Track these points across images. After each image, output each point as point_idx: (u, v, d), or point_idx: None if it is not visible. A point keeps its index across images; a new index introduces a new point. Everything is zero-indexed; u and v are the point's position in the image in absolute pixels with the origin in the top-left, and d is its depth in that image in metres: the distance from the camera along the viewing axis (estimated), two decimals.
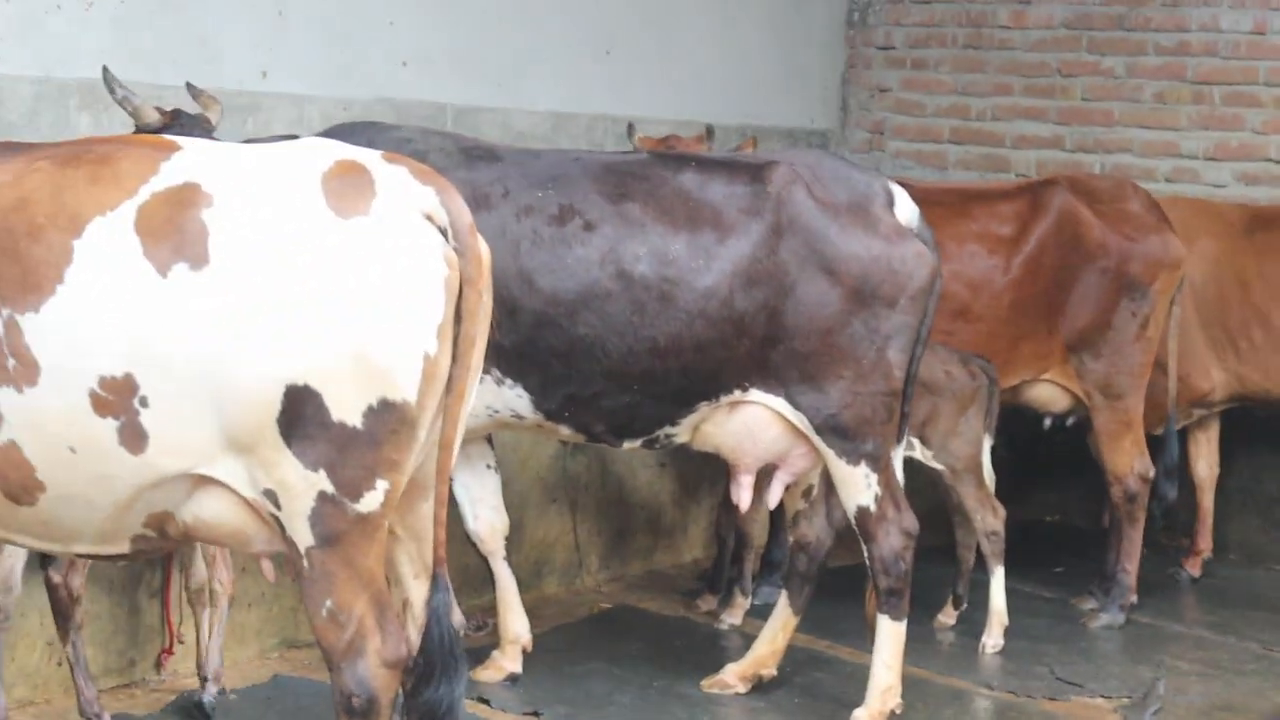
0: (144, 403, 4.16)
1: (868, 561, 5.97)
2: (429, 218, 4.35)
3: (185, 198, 4.21)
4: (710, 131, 7.59)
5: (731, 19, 9.11)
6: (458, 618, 4.75)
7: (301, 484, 4.21)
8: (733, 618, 7.26)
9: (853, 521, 5.96)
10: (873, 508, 5.89)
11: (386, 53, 7.32)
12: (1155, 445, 7.60)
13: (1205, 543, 8.35)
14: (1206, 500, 8.36)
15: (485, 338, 4.53)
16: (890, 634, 5.99)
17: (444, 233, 4.36)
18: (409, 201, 4.34)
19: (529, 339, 5.77)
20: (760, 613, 6.86)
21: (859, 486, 5.89)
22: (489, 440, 6.37)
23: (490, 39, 7.76)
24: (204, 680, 5.88)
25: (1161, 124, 9.12)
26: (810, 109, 9.82)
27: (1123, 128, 9.22)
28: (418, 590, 4.66)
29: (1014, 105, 9.52)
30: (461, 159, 5.99)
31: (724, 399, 5.88)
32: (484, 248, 4.49)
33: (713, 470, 7.80)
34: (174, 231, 4.17)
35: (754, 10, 9.27)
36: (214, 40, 6.61)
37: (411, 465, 4.39)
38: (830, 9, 9.88)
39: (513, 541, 6.48)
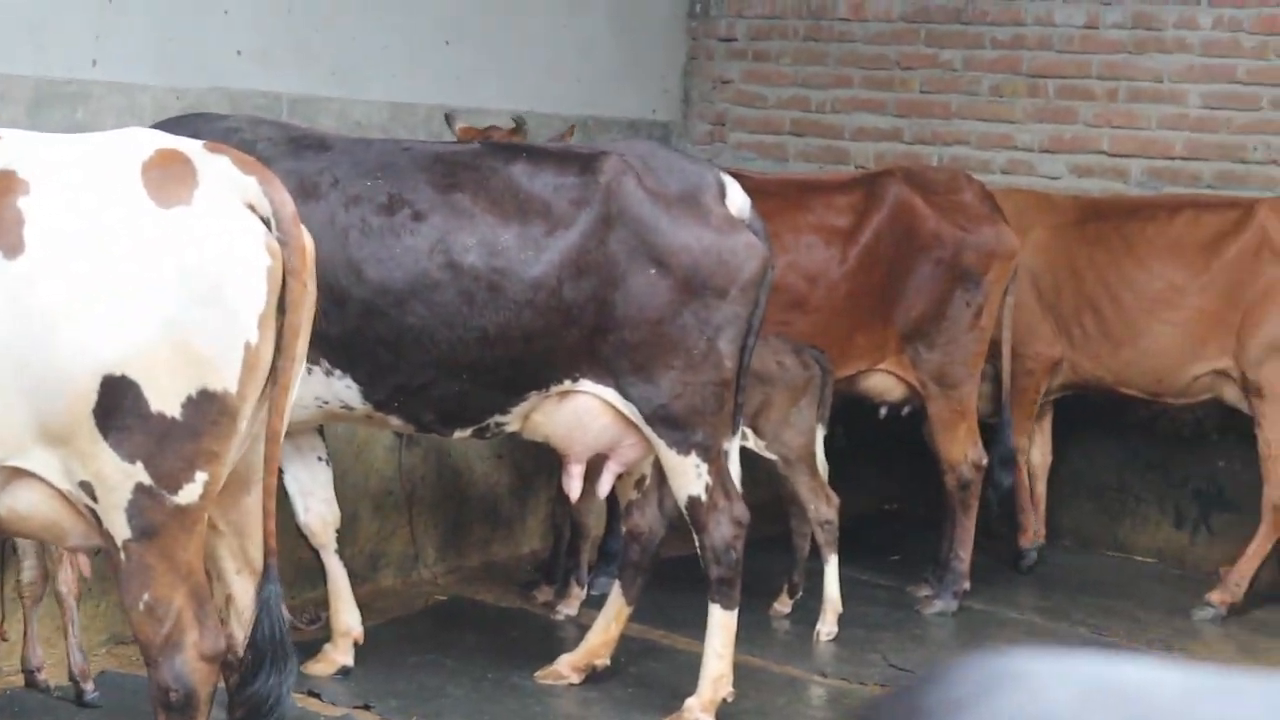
0: None
1: (699, 551, 5.99)
2: (251, 207, 4.35)
3: (1, 185, 4.16)
4: (520, 122, 7.52)
5: (574, 9, 9.11)
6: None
7: (118, 476, 4.18)
8: (569, 608, 7.26)
9: (684, 511, 5.98)
10: (704, 497, 5.91)
11: (221, 41, 7.23)
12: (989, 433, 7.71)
13: (1039, 528, 8.47)
14: (1040, 487, 8.47)
15: (309, 328, 4.52)
16: (721, 623, 6.01)
17: (267, 223, 4.35)
18: (231, 191, 4.34)
19: (357, 329, 5.73)
20: (597, 603, 6.86)
21: (690, 476, 5.91)
22: (320, 432, 6.32)
23: (327, 28, 7.70)
24: (29, 675, 5.84)
25: (998, 117, 9.23)
26: (652, 100, 9.83)
27: (960, 120, 9.32)
28: (240, 585, 4.63)
29: (853, 98, 9.59)
30: (290, 148, 5.94)
31: (554, 389, 5.87)
32: (308, 238, 4.48)
33: (549, 462, 7.77)
34: None
35: (597, 2, 9.27)
36: (41, 28, 6.50)
37: (232, 457, 4.38)
38: (672, 1, 9.90)
39: (348, 534, 6.45)
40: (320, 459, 6.33)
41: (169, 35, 7.00)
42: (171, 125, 5.78)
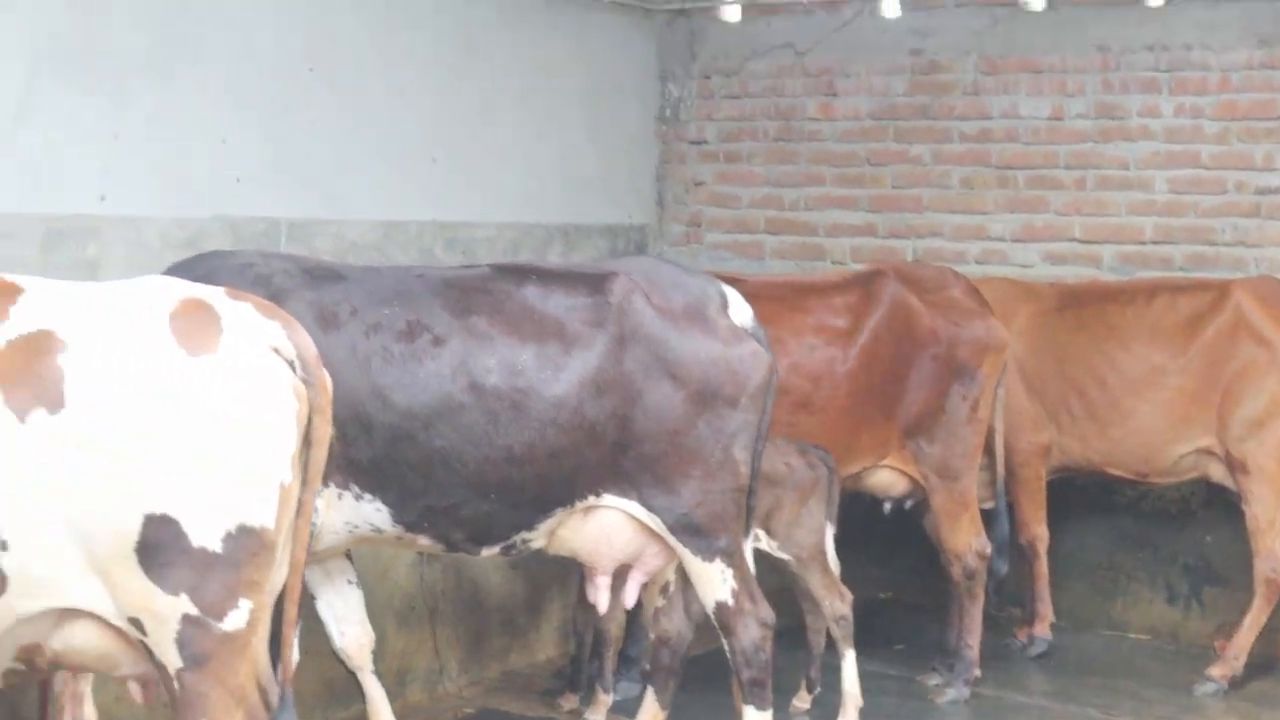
0: (4, 546, 4.25)
1: (729, 654, 6.13)
2: (276, 351, 4.53)
3: (41, 345, 4.32)
4: None
5: (549, 121, 9.30)
6: None
7: (166, 609, 4.33)
8: (596, 715, 7.37)
9: (712, 616, 6.12)
10: (730, 602, 6.06)
11: (220, 171, 7.38)
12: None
13: (1046, 609, 8.63)
14: (1040, 568, 8.64)
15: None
16: None
17: (291, 365, 4.53)
18: (256, 337, 4.53)
19: (385, 453, 5.85)
20: (621, 708, 6.97)
21: (715, 582, 6.05)
22: (348, 556, 6.43)
23: (319, 152, 7.86)
24: None
25: (969, 208, 9.46)
26: (628, 205, 10.03)
27: (932, 213, 9.55)
28: None
29: (826, 195, 9.81)
30: (306, 280, 6.06)
31: (579, 504, 6.01)
32: (327, 376, 4.67)
33: (562, 570, 7.93)
34: (31, 378, 4.29)
35: (570, 112, 9.47)
36: (53, 167, 6.63)
37: (273, 585, 4.55)
38: (643, 106, 10.12)
39: (375, 652, 6.53)
40: (350, 582, 6.43)
41: (171, 167, 7.15)
42: (186, 265, 5.95)
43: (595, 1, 9.60)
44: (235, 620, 4.41)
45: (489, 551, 6.12)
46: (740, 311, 6.20)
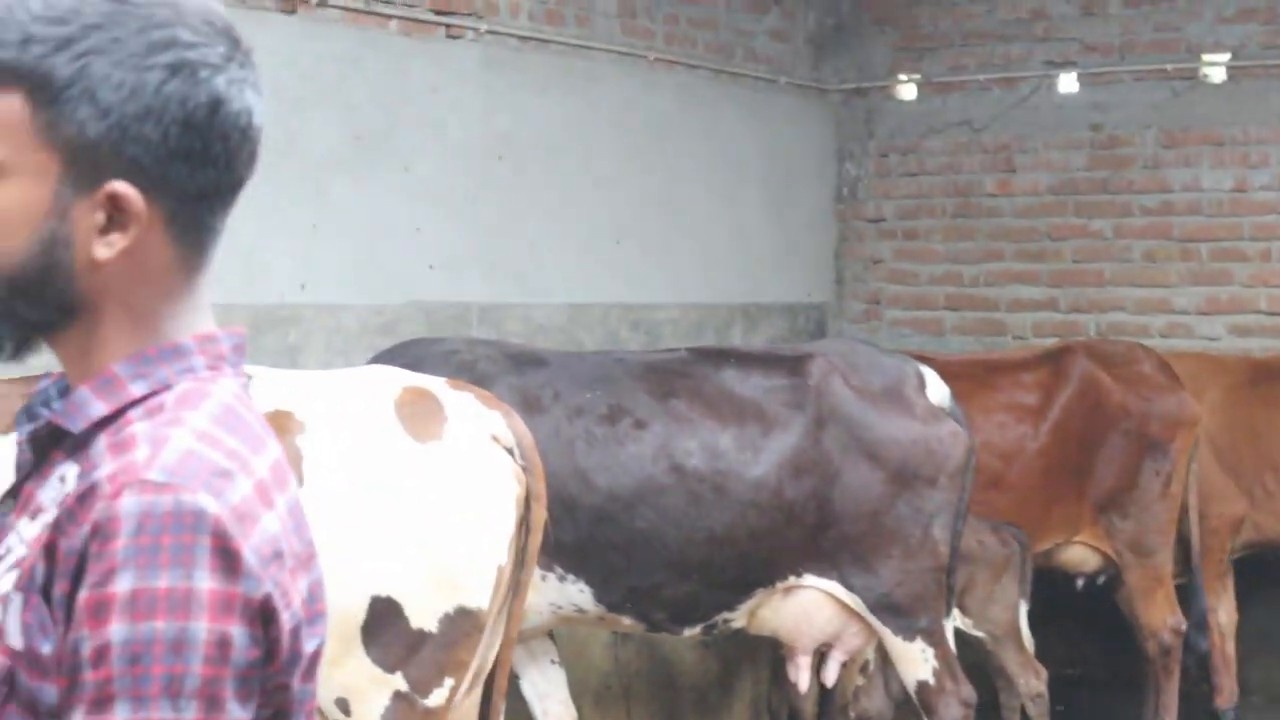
0: None
1: None
2: (496, 439, 4.65)
3: (281, 425, 4.47)
4: None
5: (729, 202, 9.41)
6: None
7: (378, 686, 4.46)
8: None
9: (913, 696, 6.15)
10: (932, 681, 6.08)
11: (414, 258, 7.56)
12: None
13: (1231, 686, 8.54)
14: (1229, 646, 8.55)
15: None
16: None
17: (510, 452, 4.66)
18: (478, 425, 4.65)
19: (589, 535, 5.96)
20: None
21: (917, 662, 6.08)
22: (551, 635, 6.53)
23: (508, 238, 8.02)
24: None
25: (1152, 281, 9.42)
26: (807, 284, 10.10)
27: (1114, 287, 9.52)
28: None
29: (1006, 270, 9.82)
30: (509, 365, 6.20)
31: (779, 584, 6.07)
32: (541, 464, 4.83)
33: (753, 646, 7.97)
34: None
35: (749, 193, 9.57)
36: (256, 257, 6.84)
37: (478, 663, 4.66)
38: (821, 185, 10.20)
39: None
40: (553, 661, 6.53)
41: (367, 256, 7.34)
42: (393, 353, 6.10)
43: (773, 83, 9.71)
44: (438, 697, 4.55)
45: (690, 631, 6.19)
46: (937, 391, 6.25)
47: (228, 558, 1.67)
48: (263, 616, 1.70)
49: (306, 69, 7.07)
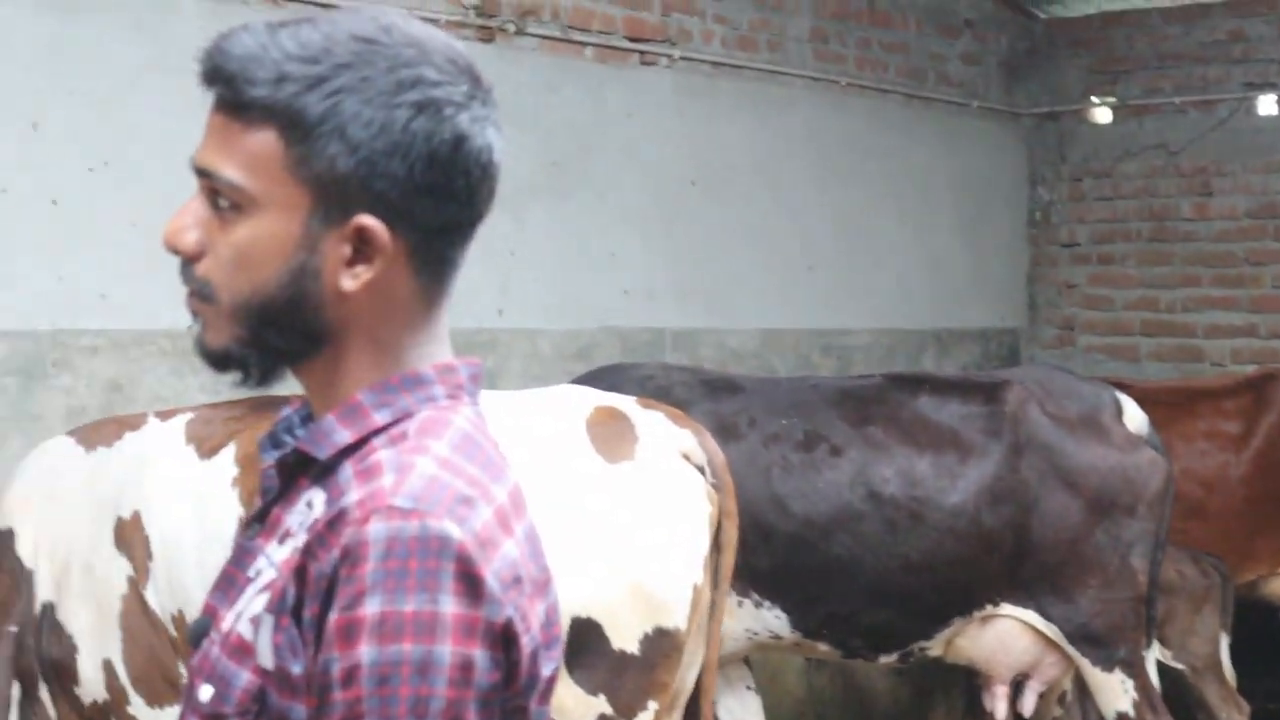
0: None
1: None
2: (687, 458, 4.66)
3: None
4: None
5: (921, 228, 9.38)
6: None
7: (582, 708, 4.47)
8: None
9: None
10: (1131, 713, 6.00)
11: (609, 284, 7.62)
12: None
13: None
14: None
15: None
16: None
17: (701, 471, 4.67)
18: (669, 444, 4.66)
19: (785, 561, 5.96)
20: None
21: (1116, 693, 6.00)
22: (747, 662, 6.54)
23: (701, 264, 8.06)
24: None
25: None
26: (1000, 309, 10.03)
27: None
28: None
29: (1204, 296, 9.68)
30: (705, 391, 6.23)
31: (976, 613, 6.03)
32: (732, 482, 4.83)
33: (946, 673, 7.91)
34: None
35: (941, 217, 9.53)
36: (459, 284, 6.91)
37: (678, 685, 4.67)
38: (1013, 210, 10.13)
39: None
40: (749, 688, 6.54)
41: (563, 282, 7.41)
42: (590, 378, 6.15)
43: (965, 107, 9.67)
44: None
45: (886, 659, 6.17)
46: (1135, 418, 6.18)
47: (471, 583, 1.71)
48: (504, 640, 1.74)
49: (503, 96, 7.06)
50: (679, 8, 8.02)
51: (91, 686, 4.56)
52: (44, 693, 4.63)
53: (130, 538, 4.56)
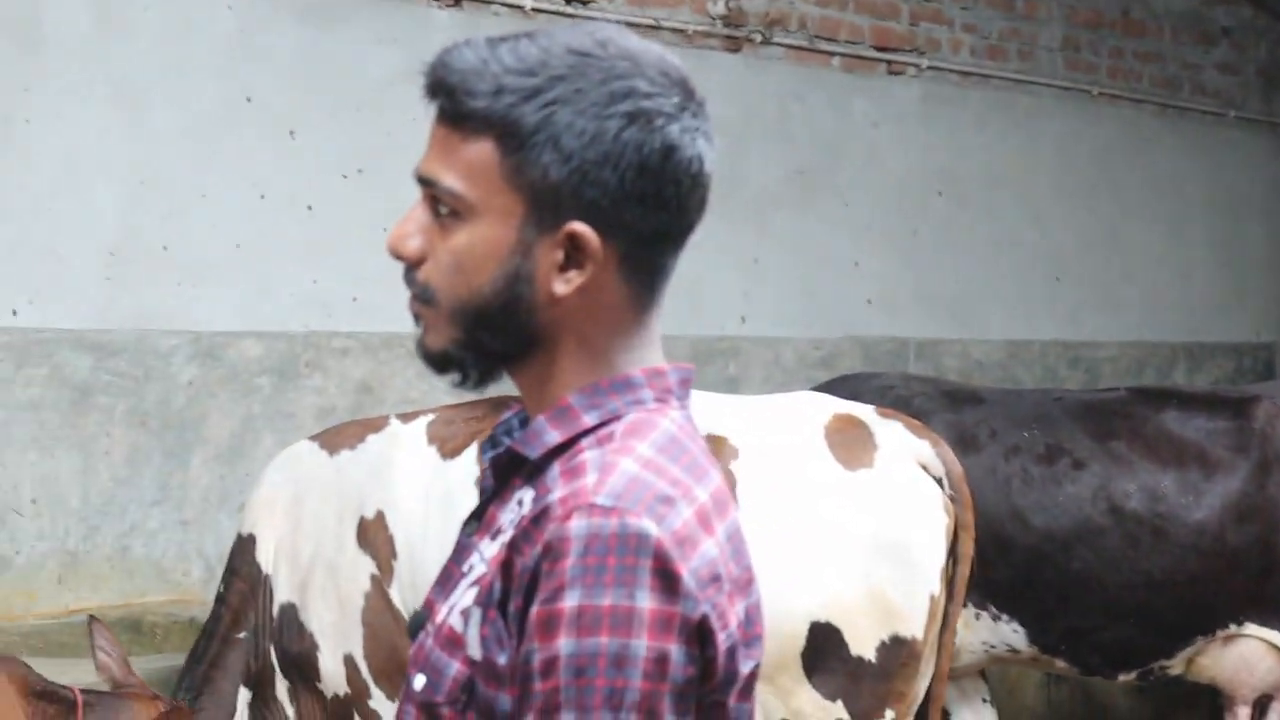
0: None
1: None
2: (925, 467, 4.67)
3: (715, 450, 4.57)
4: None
5: (1174, 240, 9.23)
6: None
7: (820, 713, 4.50)
8: None
9: None
10: None
11: (852, 293, 7.64)
12: None
13: None
14: None
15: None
16: None
17: (939, 482, 4.67)
18: (908, 454, 4.66)
19: (1024, 575, 5.91)
20: None
21: None
22: (983, 674, 6.50)
23: (947, 274, 8.03)
24: None
25: None
26: (1255, 323, 9.82)
27: None
28: None
29: None
30: (945, 402, 6.20)
31: (1219, 633, 5.92)
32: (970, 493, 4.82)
33: (1188, 692, 7.77)
34: None
35: (1195, 229, 9.38)
36: (699, 290, 7.00)
37: (915, 695, 4.67)
38: (1270, 223, 9.92)
39: None
40: (984, 700, 6.50)
41: (806, 291, 7.43)
42: (830, 387, 6.16)
43: (1221, 117, 9.50)
44: None
45: (1125, 677, 6.09)
46: None
47: (668, 579, 1.76)
48: (699, 636, 1.78)
49: (750, 106, 7.21)
50: (928, 17, 8.00)
51: (332, 681, 4.70)
52: (281, 691, 4.78)
53: (374, 537, 4.69)
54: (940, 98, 8.03)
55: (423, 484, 4.70)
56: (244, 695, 4.79)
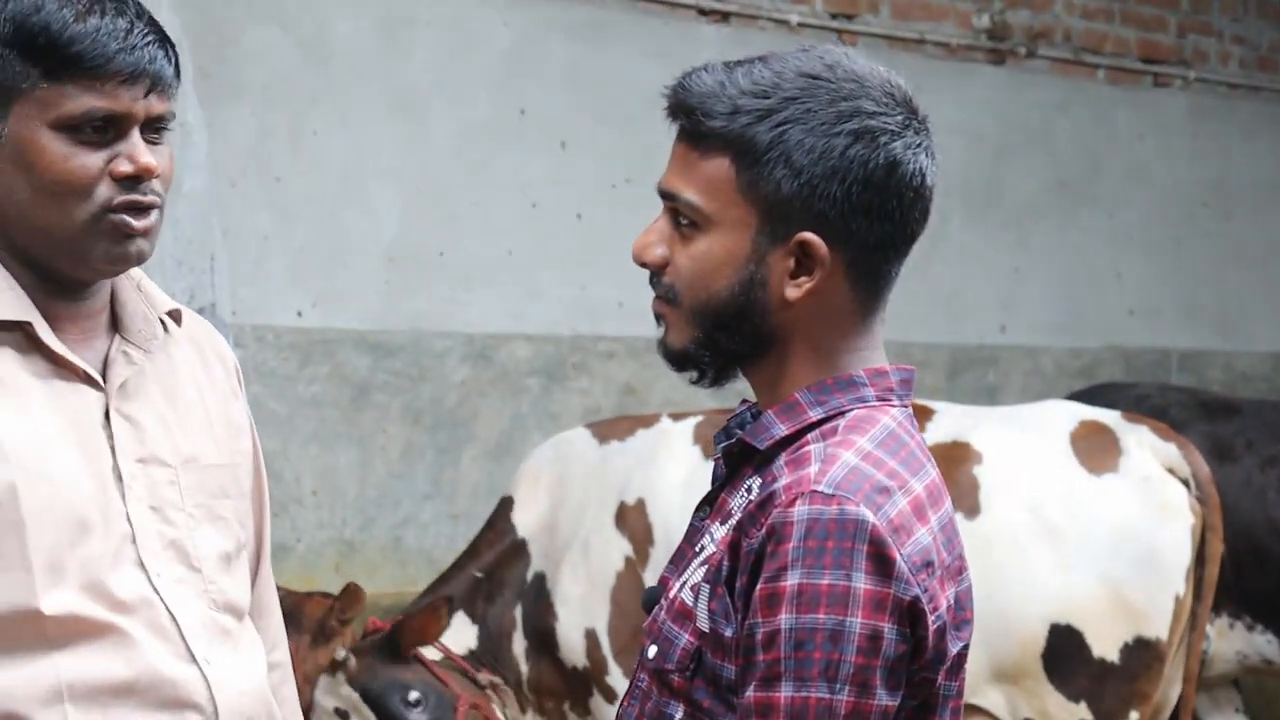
0: None
1: None
2: (1171, 471, 4.73)
3: (958, 455, 4.70)
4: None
5: None
6: None
7: (1063, 715, 4.59)
8: None
9: None
10: None
11: (1114, 303, 7.64)
12: None
13: None
14: None
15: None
16: None
17: (1186, 484, 4.73)
18: (1153, 457, 4.74)
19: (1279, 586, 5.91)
20: None
21: None
22: (1236, 685, 6.49)
23: (1211, 284, 8.00)
24: None
25: None
26: None
27: None
28: None
29: None
30: (1200, 412, 6.21)
31: None
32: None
33: None
34: (949, 485, 4.64)
35: None
36: (958, 299, 7.08)
37: (1158, 698, 4.73)
38: None
39: None
40: (1237, 710, 6.48)
41: (1067, 300, 7.47)
42: (1084, 395, 6.22)
43: None
44: None
45: None
46: None
47: (882, 562, 1.91)
48: (911, 617, 1.94)
49: (1013, 117, 7.28)
50: (1195, 29, 7.98)
51: (572, 654, 4.93)
52: (517, 646, 5.02)
53: (633, 522, 4.91)
54: (1207, 110, 8.00)
55: (683, 479, 4.90)
56: (472, 630, 5.06)
